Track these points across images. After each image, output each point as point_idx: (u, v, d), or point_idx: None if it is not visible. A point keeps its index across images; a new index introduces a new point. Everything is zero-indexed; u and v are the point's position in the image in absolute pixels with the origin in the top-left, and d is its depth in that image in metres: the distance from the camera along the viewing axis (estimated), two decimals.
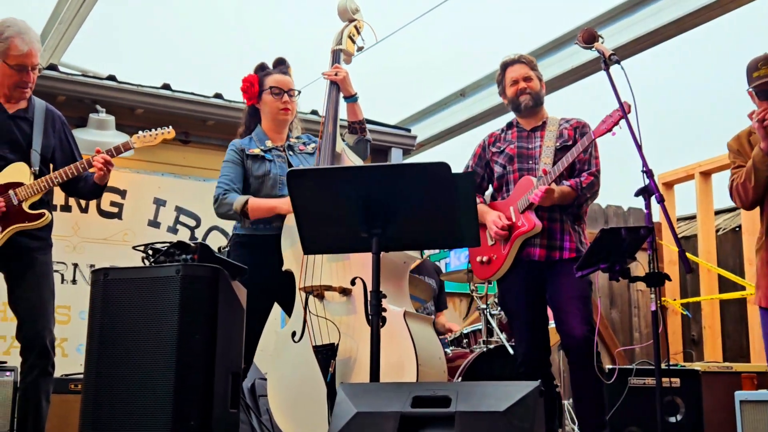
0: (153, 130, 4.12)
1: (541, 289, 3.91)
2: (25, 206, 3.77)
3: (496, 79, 4.30)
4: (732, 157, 3.95)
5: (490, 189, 4.28)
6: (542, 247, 3.86)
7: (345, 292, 3.60)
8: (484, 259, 4.06)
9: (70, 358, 5.89)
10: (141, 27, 8.15)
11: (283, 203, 3.74)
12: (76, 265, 6.21)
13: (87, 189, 3.98)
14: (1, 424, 4.40)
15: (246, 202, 3.79)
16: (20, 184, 3.77)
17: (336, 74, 3.94)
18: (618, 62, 3.52)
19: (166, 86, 6.65)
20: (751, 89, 3.70)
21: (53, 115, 4.01)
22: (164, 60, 8.18)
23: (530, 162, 4.01)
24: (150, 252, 2.69)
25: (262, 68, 4.11)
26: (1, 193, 3.74)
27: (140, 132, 4.10)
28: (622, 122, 3.55)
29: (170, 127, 4.18)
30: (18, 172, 3.80)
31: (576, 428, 4.46)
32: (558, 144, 3.98)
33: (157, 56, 8.24)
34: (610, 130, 3.68)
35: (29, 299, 3.78)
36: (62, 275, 6.00)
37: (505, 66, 4.19)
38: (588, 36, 3.61)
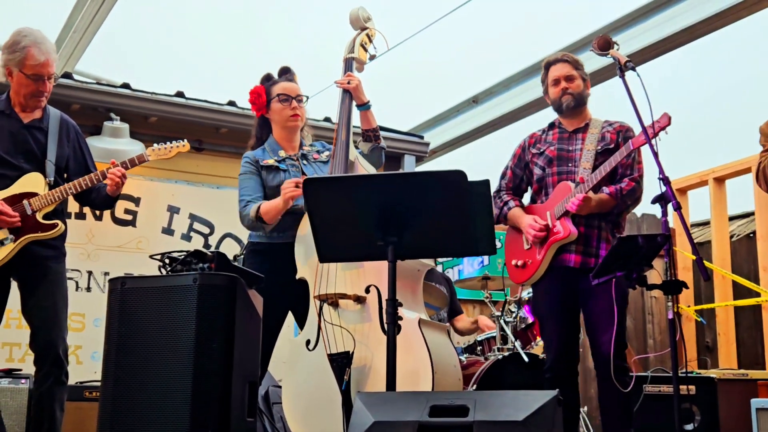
0: (168, 143, 4.13)
1: (575, 296, 3.85)
2: (39, 216, 3.78)
3: (540, 79, 4.21)
4: (763, 140, 3.94)
5: (530, 191, 4.24)
6: (578, 253, 3.81)
7: (359, 300, 3.59)
8: (519, 263, 4.02)
9: (84, 365, 5.91)
10: (155, 35, 8.18)
11: (280, 201, 3.72)
12: (90, 273, 6.23)
13: (99, 200, 3.99)
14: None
15: (258, 208, 3.80)
16: (35, 194, 3.78)
17: (348, 83, 3.94)
18: (633, 69, 3.52)
19: (180, 94, 6.67)
20: None
21: (68, 125, 4.02)
22: (178, 68, 8.22)
23: (570, 165, 3.95)
24: (167, 261, 2.69)
25: (267, 79, 4.11)
26: (16, 202, 3.75)
27: (155, 145, 4.11)
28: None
29: (185, 140, 4.19)
30: (33, 182, 3.82)
31: None
32: (599, 147, 3.91)
33: (170, 64, 8.28)
34: (648, 142, 3.57)
35: (43, 308, 3.78)
36: (77, 283, 6.03)
37: (548, 65, 4.10)
38: (603, 43, 3.60)
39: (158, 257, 2.73)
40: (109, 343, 2.51)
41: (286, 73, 4.13)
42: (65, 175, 3.96)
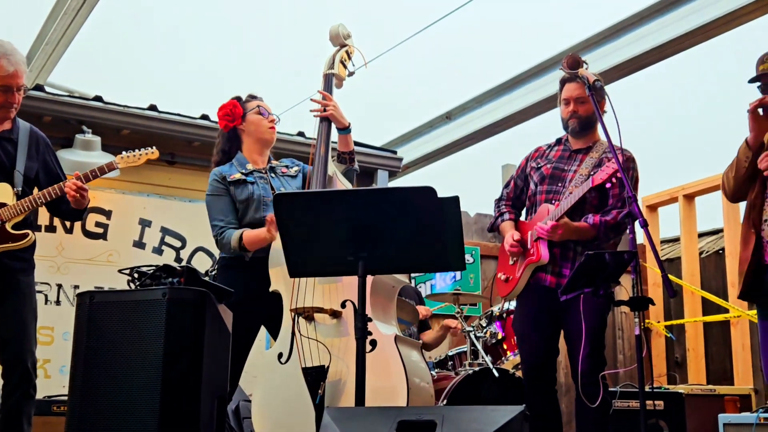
0: (137, 150, 4.13)
1: (554, 315, 3.81)
2: (8, 227, 3.76)
3: (558, 92, 4.10)
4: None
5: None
6: (553, 274, 3.82)
7: (335, 314, 3.59)
8: (503, 277, 4.05)
9: (53, 379, 5.84)
10: (128, 48, 8.16)
11: (264, 231, 3.75)
12: (60, 286, 6.17)
13: (69, 211, 3.96)
14: None
15: (240, 238, 3.80)
16: (3, 205, 3.76)
17: (324, 110, 3.89)
18: (602, 87, 3.55)
19: (153, 107, 6.64)
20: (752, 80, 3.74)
21: (37, 137, 4.01)
22: (151, 81, 8.19)
23: (559, 185, 3.92)
24: (136, 275, 2.69)
25: (239, 99, 4.13)
26: None
27: (124, 152, 4.10)
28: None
29: (154, 147, 4.19)
30: (1, 192, 3.79)
31: None
32: (593, 172, 3.81)
33: (143, 77, 8.25)
34: (607, 180, 3.60)
35: (11, 321, 3.75)
36: (46, 296, 5.97)
37: (563, 83, 4.02)
38: (572, 62, 3.64)
39: (127, 272, 2.72)
40: (77, 357, 2.50)
41: (255, 98, 4.15)
42: (35, 188, 3.94)
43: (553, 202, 3.87)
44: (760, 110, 3.55)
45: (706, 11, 6.00)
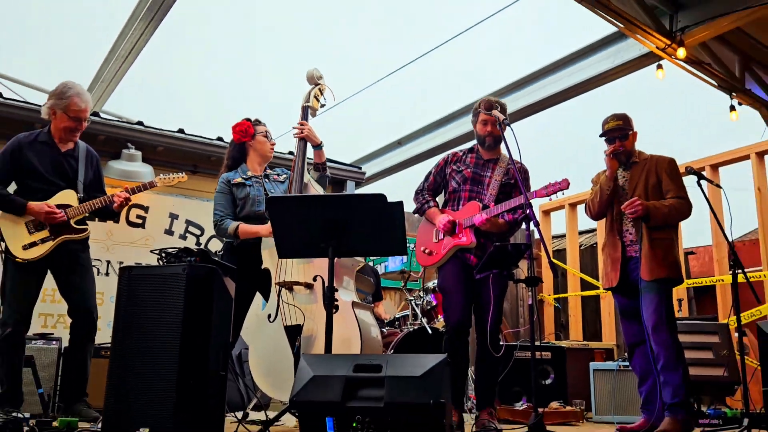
0: (172, 174, 4.13)
1: (472, 281, 3.67)
2: (73, 222, 3.77)
3: (474, 108, 3.95)
4: (592, 185, 4.08)
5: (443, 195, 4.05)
6: (476, 256, 3.70)
7: (309, 286, 3.60)
8: (427, 250, 3.88)
9: (102, 331, 5.77)
10: (163, 85, 8.10)
11: (263, 229, 3.74)
12: (108, 262, 6.13)
13: (106, 212, 3.93)
14: (47, 382, 4.31)
15: (237, 228, 3.79)
16: (69, 206, 3.76)
17: (301, 131, 3.90)
18: (508, 125, 3.54)
19: (181, 130, 6.61)
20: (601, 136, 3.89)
21: (91, 155, 4.01)
22: (180, 110, 8.15)
23: (479, 187, 3.81)
24: (163, 255, 2.67)
25: (250, 120, 4.12)
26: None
27: (162, 175, 4.11)
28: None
29: (184, 173, 4.21)
30: (68, 197, 3.80)
31: (473, 388, 4.47)
32: (503, 180, 3.80)
33: (174, 108, 8.20)
34: (546, 196, 3.54)
35: (81, 283, 3.79)
36: (98, 269, 5.90)
37: (486, 106, 3.86)
38: (488, 105, 3.66)
39: (157, 252, 2.70)
40: (118, 315, 2.48)
41: (261, 123, 4.15)
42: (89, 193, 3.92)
43: (477, 199, 3.78)
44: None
45: (585, 72, 6.15)
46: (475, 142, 3.99)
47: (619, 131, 3.86)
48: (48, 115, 3.84)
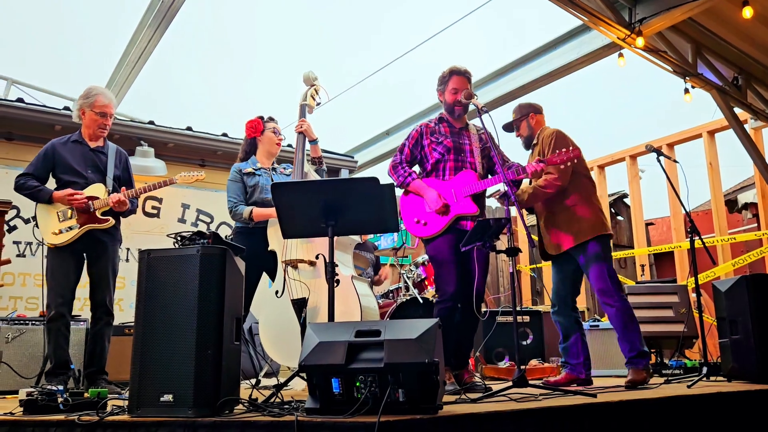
0: (191, 172, 4.03)
1: (461, 252, 3.45)
2: (98, 213, 3.75)
3: (441, 77, 3.69)
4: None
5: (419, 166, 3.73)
6: (473, 220, 3.47)
7: (312, 263, 3.61)
8: (422, 221, 3.52)
9: (125, 312, 5.79)
10: (173, 88, 8.04)
11: (275, 212, 3.70)
12: (128, 249, 6.13)
13: (122, 212, 3.90)
14: (77, 360, 4.30)
15: (251, 212, 3.80)
16: (97, 198, 3.75)
17: (301, 127, 3.94)
18: (486, 112, 3.44)
19: (189, 128, 6.57)
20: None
21: (121, 153, 4.03)
22: (188, 110, 8.07)
23: (462, 155, 3.58)
24: (179, 238, 2.64)
25: (262, 118, 4.12)
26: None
27: (182, 173, 4.01)
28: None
29: (203, 171, 4.11)
30: (97, 189, 3.80)
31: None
32: (480, 146, 3.63)
33: (182, 107, 8.12)
34: (561, 162, 3.43)
35: (100, 275, 3.78)
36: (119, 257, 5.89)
37: (452, 73, 3.63)
38: (467, 94, 3.62)
39: (173, 236, 2.68)
40: (139, 295, 2.46)
41: (272, 120, 4.13)
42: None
43: (463, 168, 3.56)
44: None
45: (552, 63, 6.12)
46: (441, 111, 3.74)
47: (511, 127, 3.96)
48: (78, 117, 3.88)
